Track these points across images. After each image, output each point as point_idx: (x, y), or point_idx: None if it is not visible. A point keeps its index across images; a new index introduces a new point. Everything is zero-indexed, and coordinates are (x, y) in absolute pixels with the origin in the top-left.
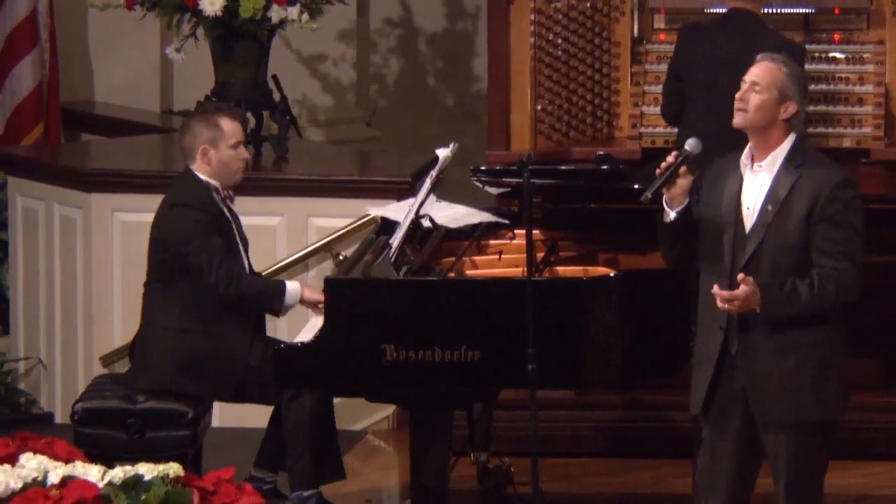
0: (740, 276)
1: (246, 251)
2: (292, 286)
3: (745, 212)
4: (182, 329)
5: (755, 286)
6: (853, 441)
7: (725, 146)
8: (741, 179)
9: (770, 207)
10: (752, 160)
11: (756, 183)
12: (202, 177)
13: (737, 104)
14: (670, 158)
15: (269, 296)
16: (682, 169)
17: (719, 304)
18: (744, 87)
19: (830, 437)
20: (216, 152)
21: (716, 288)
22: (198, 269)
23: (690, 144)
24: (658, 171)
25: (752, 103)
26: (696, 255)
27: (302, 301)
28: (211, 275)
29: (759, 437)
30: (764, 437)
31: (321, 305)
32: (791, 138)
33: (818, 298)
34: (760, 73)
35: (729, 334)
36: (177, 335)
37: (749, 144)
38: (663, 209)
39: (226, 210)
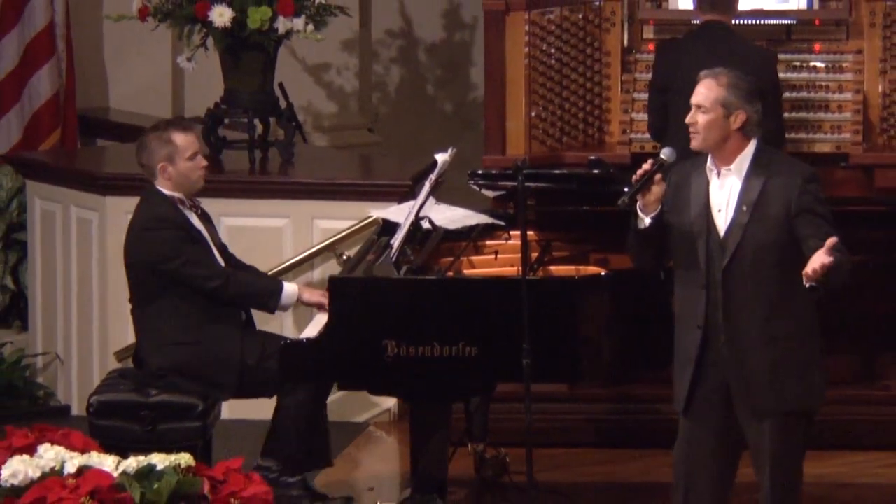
0: (832, 240)
1: (223, 254)
2: (290, 288)
3: (716, 214)
4: (175, 343)
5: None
6: (835, 432)
7: (705, 153)
8: (707, 184)
9: (744, 208)
10: (717, 166)
11: (725, 187)
12: (165, 191)
13: (690, 128)
14: (646, 166)
15: (265, 295)
16: (657, 177)
17: (818, 270)
18: (692, 110)
19: (811, 425)
20: (174, 167)
21: (810, 269)
22: (191, 280)
23: (665, 153)
24: (634, 178)
25: (700, 124)
26: (664, 258)
27: (300, 302)
28: (206, 282)
29: (738, 429)
30: (746, 428)
31: (324, 304)
32: (753, 142)
33: (850, 265)
34: (704, 95)
35: (708, 332)
36: (172, 350)
37: (711, 154)
38: (637, 215)
39: (194, 218)
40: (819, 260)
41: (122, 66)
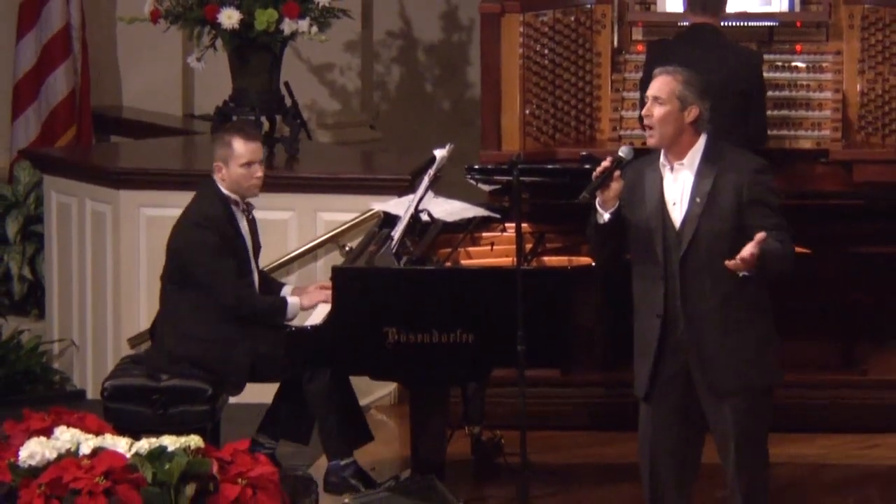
0: (761, 234)
1: (256, 258)
2: (292, 302)
3: (671, 207)
4: (192, 336)
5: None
6: (816, 415)
7: (657, 151)
8: (661, 179)
9: (698, 200)
10: (670, 161)
11: (679, 181)
12: (222, 189)
13: (644, 121)
14: (605, 164)
15: (271, 313)
16: (616, 173)
17: (739, 264)
18: (647, 103)
19: (770, 403)
20: (227, 170)
21: (737, 261)
22: (207, 288)
23: (623, 151)
24: (594, 175)
25: (656, 116)
26: (623, 254)
27: (303, 309)
28: (219, 296)
29: (699, 412)
30: (708, 410)
31: (324, 298)
32: (703, 137)
33: (790, 255)
34: (660, 87)
35: (667, 321)
36: (187, 341)
37: (663, 150)
38: (597, 212)
39: (243, 222)
40: (744, 251)
41: (135, 66)
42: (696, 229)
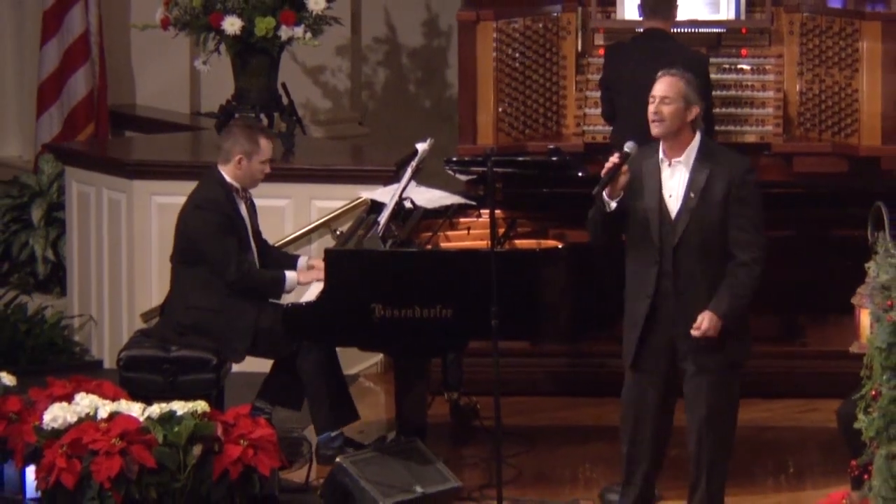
0: (704, 317)
1: (257, 240)
2: (290, 276)
3: (667, 199)
4: (199, 307)
5: (712, 317)
6: (759, 382)
7: (646, 140)
8: (659, 172)
9: (692, 195)
10: (668, 156)
11: (675, 175)
12: (227, 178)
13: (652, 117)
14: (614, 159)
15: (271, 287)
16: (624, 168)
17: (697, 334)
18: (654, 101)
19: (739, 377)
20: (249, 164)
21: (695, 332)
22: (213, 264)
23: (629, 146)
24: (604, 170)
25: (666, 114)
26: (620, 237)
27: (299, 283)
28: (225, 271)
29: (676, 380)
30: (687, 378)
31: (319, 276)
32: (698, 136)
33: (756, 277)
34: (667, 88)
35: (656, 300)
36: (195, 312)
37: (662, 146)
38: (603, 202)
39: (243, 208)
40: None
41: (147, 68)
42: (689, 221)
